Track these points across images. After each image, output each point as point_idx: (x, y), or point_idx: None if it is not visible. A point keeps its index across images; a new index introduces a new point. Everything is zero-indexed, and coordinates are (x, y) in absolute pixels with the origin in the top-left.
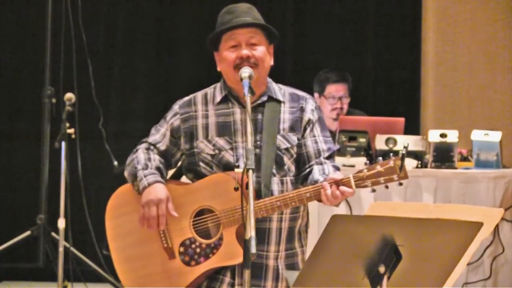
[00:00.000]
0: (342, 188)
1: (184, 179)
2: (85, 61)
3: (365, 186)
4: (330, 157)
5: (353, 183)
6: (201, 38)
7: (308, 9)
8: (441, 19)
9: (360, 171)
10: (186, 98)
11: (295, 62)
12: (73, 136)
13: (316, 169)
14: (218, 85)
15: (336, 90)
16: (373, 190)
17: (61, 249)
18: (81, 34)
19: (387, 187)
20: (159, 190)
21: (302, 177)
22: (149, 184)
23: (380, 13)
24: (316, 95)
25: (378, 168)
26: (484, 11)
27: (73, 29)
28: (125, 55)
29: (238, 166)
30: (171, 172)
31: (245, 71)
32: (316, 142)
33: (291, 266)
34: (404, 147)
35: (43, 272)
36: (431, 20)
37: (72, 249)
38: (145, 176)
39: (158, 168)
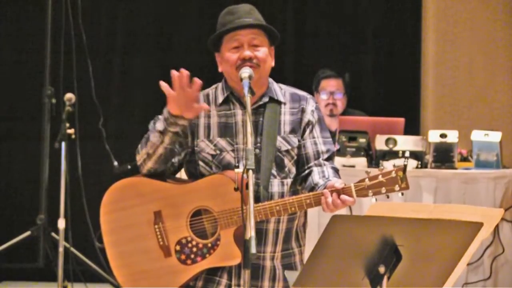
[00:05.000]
0: (343, 197)
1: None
2: (85, 61)
3: (366, 195)
4: (329, 159)
5: (354, 192)
6: (202, 38)
7: (308, 9)
8: (441, 19)
9: (362, 180)
10: None
11: (295, 62)
12: (73, 136)
13: (316, 172)
14: (220, 85)
15: (329, 85)
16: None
17: (61, 249)
18: (81, 34)
19: (388, 196)
20: None
21: (300, 178)
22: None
23: (380, 13)
24: (315, 94)
25: (380, 178)
26: (484, 11)
27: (73, 29)
28: (125, 55)
29: (238, 167)
30: None
31: (245, 71)
32: (315, 144)
33: (288, 266)
34: (405, 157)
35: (43, 272)
36: (431, 20)
37: (72, 249)
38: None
39: None
